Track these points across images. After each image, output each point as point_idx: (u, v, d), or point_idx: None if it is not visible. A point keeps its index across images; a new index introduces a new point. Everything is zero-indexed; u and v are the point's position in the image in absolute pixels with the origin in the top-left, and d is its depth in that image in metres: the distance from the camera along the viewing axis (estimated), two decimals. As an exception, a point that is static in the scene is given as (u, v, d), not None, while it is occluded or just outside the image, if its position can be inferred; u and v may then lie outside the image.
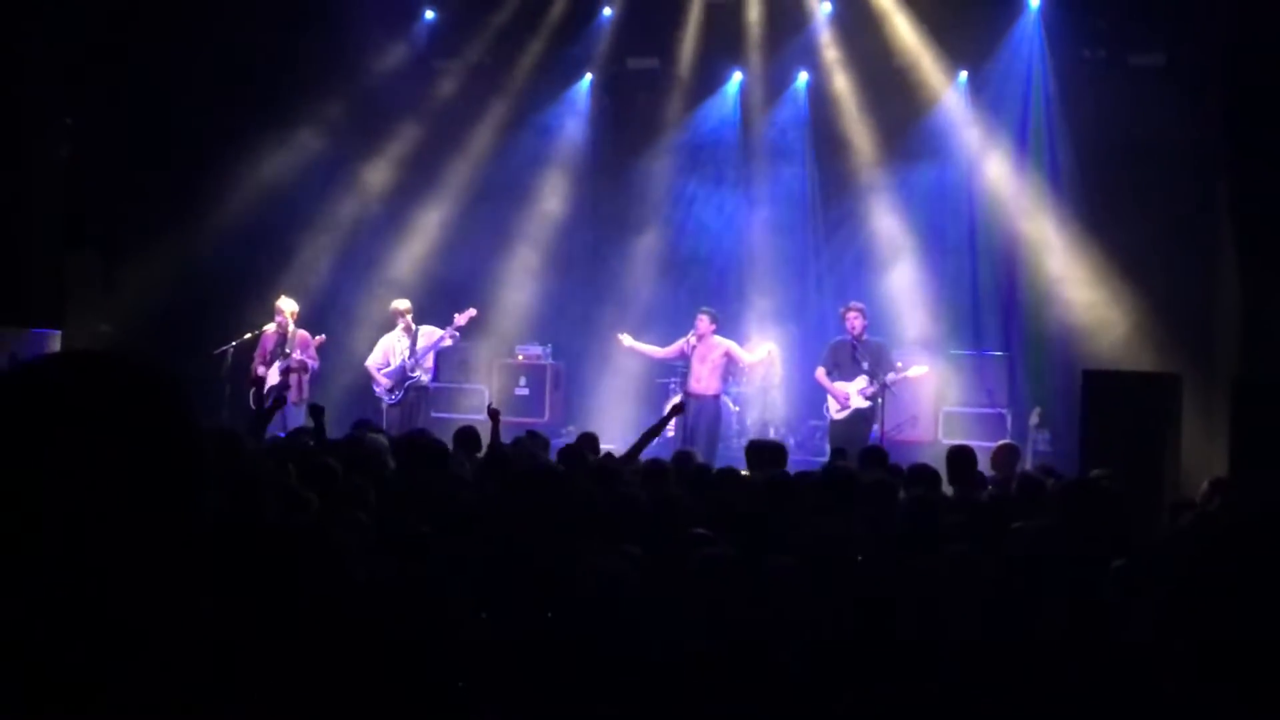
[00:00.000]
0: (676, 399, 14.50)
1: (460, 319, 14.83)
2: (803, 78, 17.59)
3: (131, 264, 16.12)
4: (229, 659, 1.84)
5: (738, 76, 17.90)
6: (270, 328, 14.76)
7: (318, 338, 14.85)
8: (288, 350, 14.62)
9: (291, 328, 14.72)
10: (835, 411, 14.23)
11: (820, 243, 17.62)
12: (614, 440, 13.26)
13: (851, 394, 14.02)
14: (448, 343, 15.11)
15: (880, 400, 14.13)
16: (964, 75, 16.87)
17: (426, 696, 2.65)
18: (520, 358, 17.45)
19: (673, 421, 14.56)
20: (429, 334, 15.01)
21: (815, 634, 4.69)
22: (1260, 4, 13.58)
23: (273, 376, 14.59)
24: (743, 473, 8.90)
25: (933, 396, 15.77)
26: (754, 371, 16.03)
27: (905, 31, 16.79)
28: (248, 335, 14.86)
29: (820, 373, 14.38)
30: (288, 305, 14.78)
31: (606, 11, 17.69)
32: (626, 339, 15.45)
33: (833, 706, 4.02)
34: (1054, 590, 4.78)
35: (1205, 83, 14.69)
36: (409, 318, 15.05)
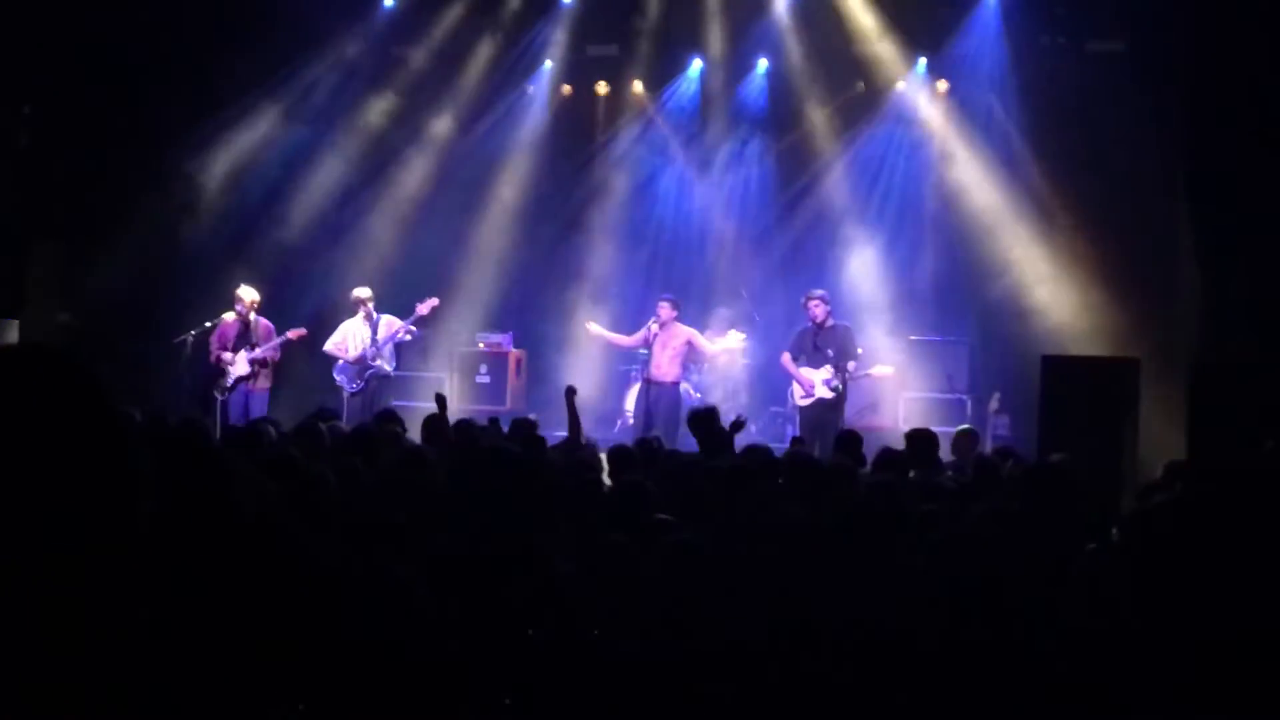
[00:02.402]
0: (635, 385, 14.51)
1: (422, 308, 14.81)
2: (763, 64, 17.59)
3: (92, 253, 16.00)
4: (166, 663, 1.76)
5: (698, 63, 17.89)
6: (229, 316, 14.67)
7: (297, 331, 14.72)
8: (253, 341, 14.55)
9: (253, 318, 14.66)
10: (799, 398, 14.23)
11: (782, 229, 17.62)
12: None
13: (816, 382, 13.99)
14: (406, 337, 15.08)
15: (842, 389, 14.14)
16: (923, 62, 16.94)
17: (404, 694, 2.65)
18: (481, 345, 17.35)
19: (633, 407, 14.58)
20: (390, 323, 14.97)
21: (777, 619, 4.70)
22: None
23: (240, 366, 14.51)
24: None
25: (893, 383, 15.82)
26: (721, 358, 15.99)
27: (865, 17, 16.83)
28: (207, 324, 14.77)
29: (786, 358, 14.35)
30: (248, 294, 14.71)
31: (566, -1, 17.67)
32: (593, 327, 15.51)
33: (801, 694, 4.04)
34: (1017, 574, 4.81)
35: (1165, 69, 14.76)
36: (370, 306, 15.01)
